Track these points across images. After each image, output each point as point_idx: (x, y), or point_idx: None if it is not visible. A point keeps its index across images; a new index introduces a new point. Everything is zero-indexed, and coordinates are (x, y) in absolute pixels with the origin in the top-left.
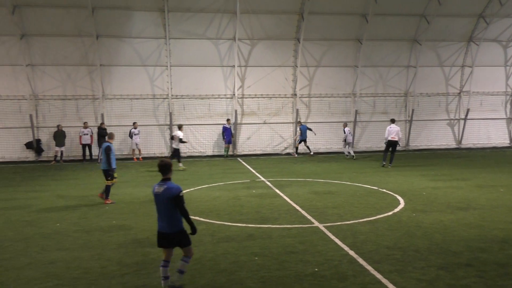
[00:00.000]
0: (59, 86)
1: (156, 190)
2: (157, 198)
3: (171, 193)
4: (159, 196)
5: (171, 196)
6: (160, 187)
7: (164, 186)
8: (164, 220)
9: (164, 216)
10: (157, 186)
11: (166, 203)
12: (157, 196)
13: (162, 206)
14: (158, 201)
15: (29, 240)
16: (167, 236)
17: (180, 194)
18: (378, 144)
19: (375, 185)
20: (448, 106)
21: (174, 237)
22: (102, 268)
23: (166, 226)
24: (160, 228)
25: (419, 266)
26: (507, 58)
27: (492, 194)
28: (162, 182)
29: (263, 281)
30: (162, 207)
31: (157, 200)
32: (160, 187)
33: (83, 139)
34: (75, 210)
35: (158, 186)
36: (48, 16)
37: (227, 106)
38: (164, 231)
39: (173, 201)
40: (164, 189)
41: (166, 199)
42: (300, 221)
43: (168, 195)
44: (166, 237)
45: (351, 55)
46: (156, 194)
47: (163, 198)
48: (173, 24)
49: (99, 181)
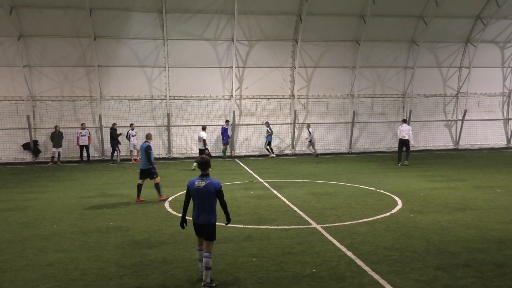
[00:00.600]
0: (57, 87)
1: (197, 185)
2: (199, 192)
3: (214, 186)
4: (200, 190)
5: (215, 189)
6: (202, 182)
7: (206, 181)
8: (203, 213)
9: (203, 208)
10: (197, 181)
11: (209, 196)
12: (199, 190)
13: (204, 199)
14: (200, 194)
15: (26, 242)
16: (202, 227)
17: (221, 188)
18: (376, 145)
19: (373, 186)
20: (445, 107)
21: (207, 228)
22: (100, 269)
23: (205, 218)
24: (196, 220)
25: (417, 267)
26: (504, 59)
27: (490, 195)
28: (202, 177)
29: (261, 282)
30: (204, 200)
31: (198, 193)
32: (202, 182)
33: (81, 140)
34: (73, 211)
35: (198, 181)
36: (46, 17)
37: (225, 107)
38: (200, 223)
39: (216, 194)
40: (207, 183)
41: (209, 192)
42: (298, 222)
43: (212, 189)
44: (201, 228)
45: (349, 56)
46: (197, 188)
47: (206, 191)
48: (171, 25)
49: (97, 183)
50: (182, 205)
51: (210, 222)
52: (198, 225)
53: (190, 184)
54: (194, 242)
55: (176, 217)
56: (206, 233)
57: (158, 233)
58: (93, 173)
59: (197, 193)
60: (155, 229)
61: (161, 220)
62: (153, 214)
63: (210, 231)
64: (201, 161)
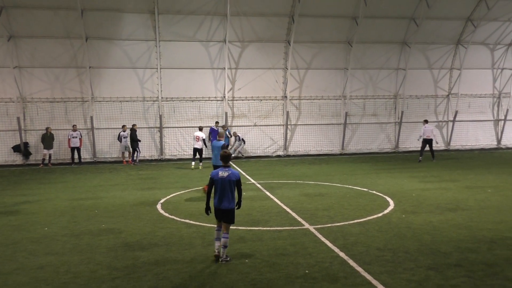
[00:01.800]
0: (48, 88)
1: (221, 175)
2: (222, 181)
3: (235, 176)
4: (224, 179)
5: (236, 179)
6: (225, 172)
7: (228, 172)
8: (225, 200)
9: (225, 195)
10: (220, 172)
11: (230, 185)
12: (222, 179)
13: (226, 187)
14: (223, 183)
15: (17, 245)
16: (222, 211)
17: (240, 178)
18: (368, 146)
19: (365, 186)
20: (437, 108)
21: (228, 213)
22: (92, 272)
23: (226, 204)
24: (218, 206)
25: (409, 267)
26: (494, 61)
27: (481, 195)
28: (225, 168)
29: (254, 283)
30: (226, 188)
31: (221, 182)
32: (225, 172)
33: (72, 142)
34: (64, 214)
35: (222, 171)
36: (37, 17)
37: (218, 109)
38: (221, 208)
39: (236, 183)
40: (229, 174)
41: (231, 181)
42: (290, 223)
43: (233, 178)
44: (221, 212)
45: (341, 57)
46: (221, 178)
47: (229, 180)
48: (164, 26)
49: (88, 185)
50: (175, 207)
51: (231, 208)
52: (219, 210)
53: (214, 174)
54: (187, 244)
55: (168, 219)
56: (226, 217)
57: (151, 235)
58: (84, 175)
59: (220, 181)
60: (147, 231)
61: (153, 222)
62: (145, 216)
63: (230, 215)
64: (224, 155)
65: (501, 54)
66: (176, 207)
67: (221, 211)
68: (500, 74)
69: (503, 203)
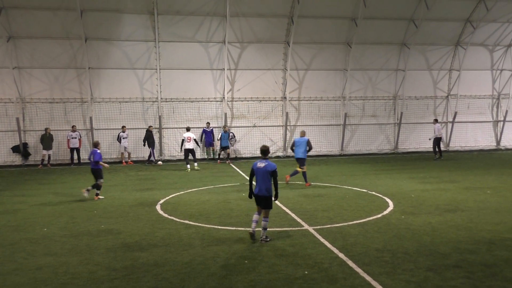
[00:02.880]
0: (47, 89)
1: (258, 166)
2: (259, 171)
3: (271, 168)
4: (261, 169)
5: (271, 170)
6: (262, 163)
7: (265, 163)
8: (262, 188)
9: (263, 184)
10: (259, 163)
11: (267, 175)
12: (259, 170)
13: (263, 177)
14: (260, 173)
15: (15, 246)
16: (261, 198)
17: (276, 170)
18: (368, 147)
19: (364, 187)
20: (436, 109)
21: (266, 199)
22: (91, 273)
23: (264, 191)
24: (258, 192)
25: (408, 268)
26: (494, 62)
27: (480, 196)
28: (263, 160)
29: (253, 284)
30: (263, 177)
31: (258, 172)
32: (262, 164)
33: (71, 143)
34: (63, 214)
35: (260, 163)
36: (36, 18)
37: (217, 109)
38: (260, 194)
39: (272, 174)
40: (265, 165)
41: (267, 172)
42: (290, 224)
43: (269, 169)
44: (260, 199)
45: (341, 58)
46: (258, 168)
47: (265, 171)
48: (163, 27)
49: (87, 185)
50: (174, 207)
51: (268, 194)
52: (258, 196)
53: (254, 165)
54: (186, 245)
55: (167, 220)
56: (264, 203)
57: (150, 236)
58: (83, 176)
59: (257, 172)
60: (146, 232)
61: (152, 223)
62: (144, 217)
63: (268, 201)
64: (264, 149)
65: (500, 55)
66: (175, 208)
67: (259, 197)
68: (499, 75)
69: (502, 204)
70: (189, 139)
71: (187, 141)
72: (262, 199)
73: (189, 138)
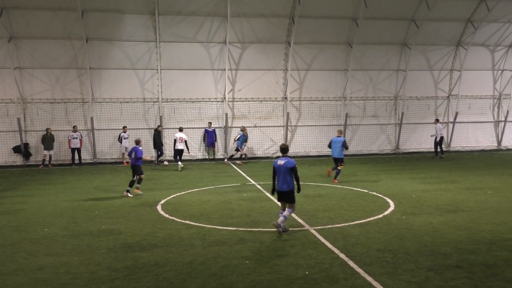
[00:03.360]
0: (48, 89)
1: (279, 163)
2: (279, 168)
3: (291, 164)
4: (281, 166)
5: (291, 166)
6: (282, 161)
7: (285, 160)
8: (284, 183)
9: (284, 180)
10: (279, 161)
11: (287, 171)
12: (280, 167)
13: (284, 173)
14: (280, 170)
15: (16, 246)
16: (284, 193)
17: (296, 166)
18: (369, 147)
19: (365, 188)
20: (437, 110)
21: (287, 194)
22: (92, 273)
23: (285, 187)
24: (279, 188)
25: (409, 268)
26: (495, 62)
27: (480, 196)
28: (283, 158)
29: (253, 285)
30: (284, 174)
31: (279, 169)
32: (282, 161)
33: (72, 143)
34: (64, 214)
35: (280, 160)
36: (37, 18)
37: (218, 110)
38: (282, 190)
39: (292, 170)
40: (285, 162)
41: (287, 168)
42: (291, 225)
43: (289, 166)
44: (283, 194)
45: (342, 58)
46: (278, 166)
47: (285, 168)
48: (164, 27)
49: (88, 186)
50: (175, 208)
51: (290, 189)
52: (281, 192)
53: (275, 163)
54: (187, 245)
55: (168, 220)
56: (287, 197)
57: (151, 236)
58: (84, 176)
59: (278, 168)
60: (147, 232)
61: (153, 223)
62: (145, 217)
63: (290, 196)
64: (283, 147)
65: (501, 56)
66: (176, 208)
67: (282, 193)
68: (501, 76)
69: (503, 205)
70: (181, 140)
71: (179, 141)
72: (284, 194)
73: (181, 139)
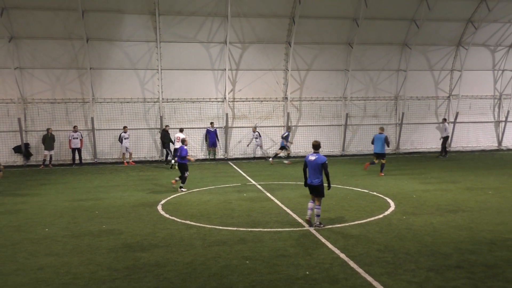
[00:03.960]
0: (48, 89)
1: (310, 158)
2: (311, 163)
3: (321, 160)
4: (312, 162)
5: (321, 162)
6: (313, 156)
7: (316, 156)
8: (315, 177)
9: (315, 174)
10: (310, 156)
11: (317, 167)
12: (311, 162)
13: (315, 168)
14: (312, 165)
15: (17, 246)
16: (314, 187)
17: (326, 161)
18: (369, 147)
19: (365, 188)
20: (437, 110)
21: (318, 188)
22: (92, 273)
23: (316, 181)
24: (310, 182)
25: (410, 268)
26: (495, 62)
27: (481, 197)
28: (314, 153)
29: (254, 285)
30: (314, 169)
31: (310, 164)
32: (313, 157)
33: (73, 143)
34: (64, 214)
35: (311, 156)
36: (37, 18)
37: (218, 110)
38: (313, 184)
39: (322, 165)
40: (316, 158)
41: (318, 164)
42: (291, 225)
43: (319, 162)
44: (314, 188)
45: (342, 59)
46: (310, 161)
47: (316, 163)
48: (164, 27)
49: (89, 186)
50: (175, 208)
51: (320, 184)
52: (312, 185)
53: (306, 158)
54: (187, 245)
55: (168, 220)
56: (316, 191)
57: (151, 236)
58: (85, 176)
59: (310, 164)
60: (147, 232)
61: (153, 223)
62: (145, 217)
63: (319, 190)
64: (315, 143)
65: (501, 56)
66: (176, 208)
67: (312, 186)
68: (501, 76)
69: (504, 205)
70: (178, 139)
71: (176, 140)
72: (314, 188)
73: (178, 138)
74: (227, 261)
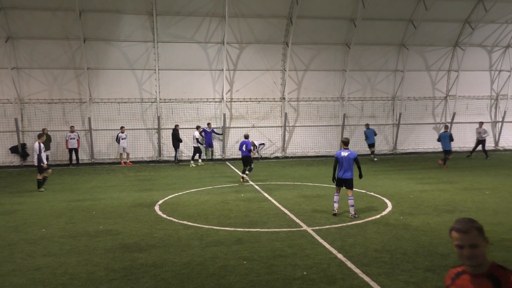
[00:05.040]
0: (45, 89)
1: (342, 154)
2: (344, 159)
3: (353, 155)
4: (345, 157)
5: (353, 157)
6: (345, 152)
7: (348, 152)
8: (348, 171)
9: (348, 168)
10: (342, 152)
11: (350, 161)
12: (344, 157)
13: (347, 163)
14: (345, 160)
15: (14, 246)
16: (346, 180)
17: (357, 156)
18: (367, 147)
19: (363, 188)
20: (434, 110)
21: (349, 181)
22: (89, 273)
23: (349, 175)
24: (342, 176)
25: (407, 269)
26: (492, 63)
27: (478, 197)
28: (345, 149)
29: (252, 285)
30: (346, 163)
31: (342, 159)
32: (345, 152)
33: (70, 144)
34: (62, 215)
35: (343, 152)
36: (35, 18)
37: (216, 110)
38: (344, 178)
39: (355, 160)
40: (349, 154)
41: (350, 159)
42: (288, 225)
43: (351, 157)
44: (345, 181)
45: (340, 59)
46: (342, 157)
47: (348, 158)
48: (162, 27)
49: (86, 186)
50: (173, 208)
51: (351, 177)
52: (343, 179)
53: (338, 154)
54: (185, 246)
55: (166, 221)
56: (348, 184)
57: (148, 237)
58: (82, 177)
59: (341, 159)
60: (145, 233)
61: (151, 224)
62: (143, 217)
63: (351, 183)
64: (345, 140)
65: (498, 56)
66: (174, 208)
67: (344, 180)
68: (498, 76)
69: (501, 205)
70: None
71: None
72: (346, 181)
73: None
74: (224, 262)
